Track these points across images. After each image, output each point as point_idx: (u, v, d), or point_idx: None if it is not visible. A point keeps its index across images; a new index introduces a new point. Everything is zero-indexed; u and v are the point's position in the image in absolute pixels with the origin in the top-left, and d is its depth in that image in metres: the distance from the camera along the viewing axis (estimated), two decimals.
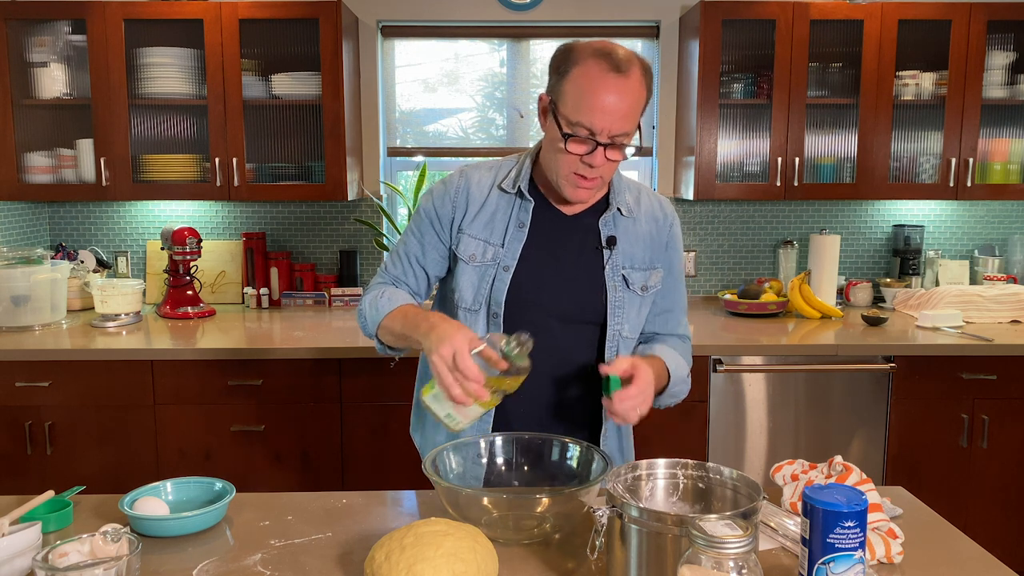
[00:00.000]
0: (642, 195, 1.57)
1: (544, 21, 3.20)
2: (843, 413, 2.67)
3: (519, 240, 1.49)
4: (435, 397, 1.29)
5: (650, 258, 1.54)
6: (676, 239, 1.59)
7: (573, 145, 1.36)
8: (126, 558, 0.98)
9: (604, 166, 1.38)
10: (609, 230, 1.51)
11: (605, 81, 1.32)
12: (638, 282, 1.52)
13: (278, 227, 3.29)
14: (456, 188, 1.51)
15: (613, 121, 1.33)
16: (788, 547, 1.17)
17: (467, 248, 1.49)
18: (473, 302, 1.49)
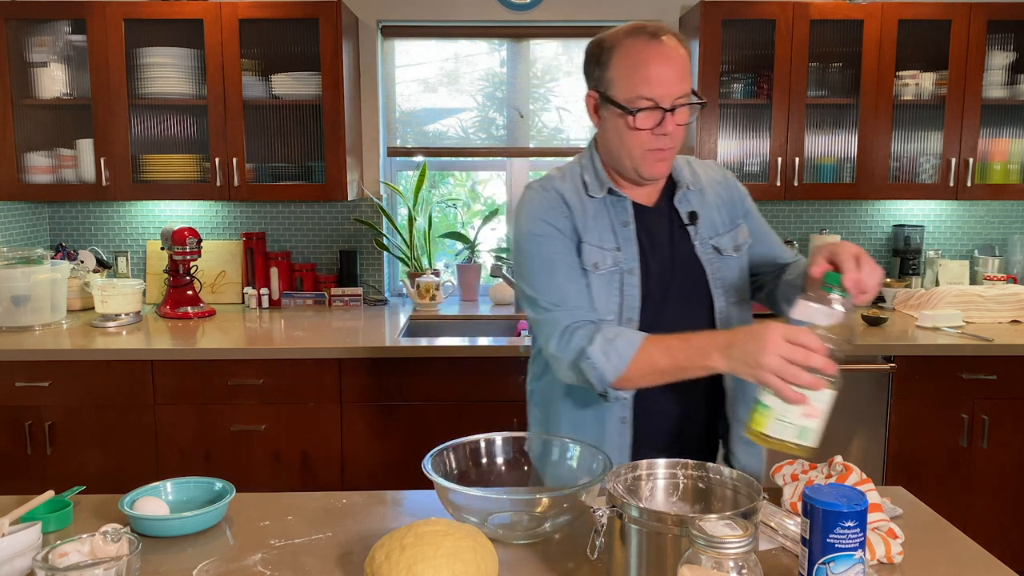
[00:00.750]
0: (694, 166, 1.57)
1: (544, 21, 3.20)
2: (843, 413, 2.67)
3: (631, 240, 1.46)
4: (776, 421, 1.11)
5: (730, 218, 1.55)
6: (742, 190, 1.61)
7: (642, 119, 1.36)
8: (126, 558, 0.98)
9: (675, 132, 1.38)
10: (687, 206, 1.51)
11: (649, 51, 1.35)
12: (728, 245, 1.52)
13: (278, 227, 3.29)
14: (555, 200, 1.46)
15: (671, 85, 1.35)
16: (788, 547, 1.17)
17: (590, 257, 1.44)
18: (606, 310, 1.43)
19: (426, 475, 1.23)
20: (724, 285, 1.51)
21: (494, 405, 2.60)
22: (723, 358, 1.21)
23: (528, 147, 3.34)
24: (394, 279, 3.42)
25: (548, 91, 3.32)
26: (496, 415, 2.59)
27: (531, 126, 3.34)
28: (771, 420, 1.11)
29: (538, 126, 3.34)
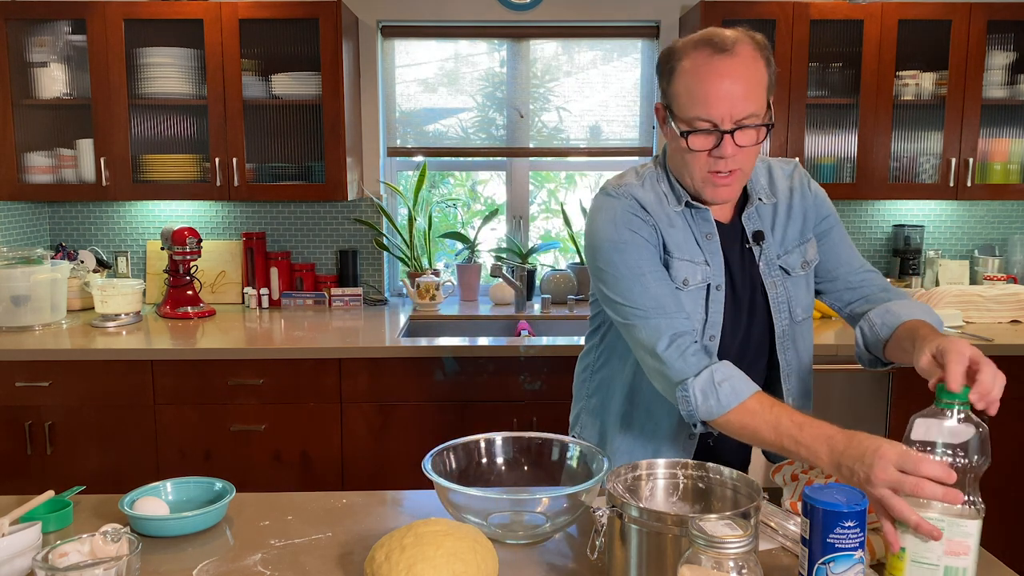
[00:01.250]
0: (773, 171, 1.48)
1: (544, 21, 3.20)
2: (843, 413, 2.67)
3: (718, 252, 1.39)
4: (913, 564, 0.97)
5: (800, 231, 1.46)
6: (817, 193, 1.49)
7: (696, 141, 1.28)
8: (126, 558, 0.98)
9: (738, 155, 1.28)
10: (754, 224, 1.43)
11: (712, 66, 1.24)
12: (797, 263, 1.44)
13: (278, 227, 3.29)
14: (636, 208, 1.37)
15: (733, 104, 1.24)
16: (788, 547, 1.17)
17: (679, 272, 1.37)
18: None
19: (426, 475, 1.23)
20: (789, 306, 1.44)
21: (494, 405, 2.60)
22: (829, 464, 1.09)
23: (528, 147, 3.34)
24: (394, 279, 3.42)
25: (548, 91, 3.32)
26: (496, 415, 2.59)
27: (531, 126, 3.34)
28: (908, 563, 0.98)
29: (538, 126, 3.34)
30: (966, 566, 0.97)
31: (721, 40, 1.25)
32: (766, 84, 1.28)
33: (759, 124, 1.27)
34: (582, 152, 3.35)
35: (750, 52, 1.25)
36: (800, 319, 1.46)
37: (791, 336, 1.46)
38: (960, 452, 0.98)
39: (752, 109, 1.25)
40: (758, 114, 1.27)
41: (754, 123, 1.26)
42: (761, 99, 1.27)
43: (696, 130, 1.27)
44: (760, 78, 1.27)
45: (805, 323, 1.48)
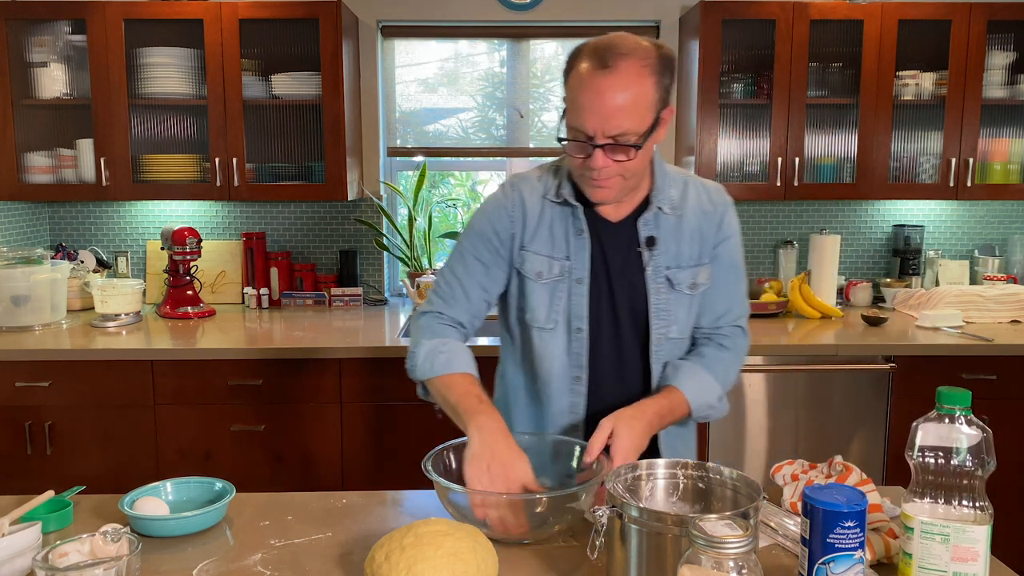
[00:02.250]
0: (689, 188, 1.49)
1: (544, 21, 3.20)
2: (843, 413, 2.67)
3: (584, 249, 1.44)
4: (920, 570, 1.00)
5: (698, 254, 1.47)
6: (728, 228, 1.50)
7: (571, 149, 1.34)
8: (126, 558, 0.98)
9: (610, 166, 1.32)
10: (649, 230, 1.45)
11: (591, 80, 1.28)
12: (685, 281, 1.46)
13: (278, 227, 3.29)
14: (512, 203, 1.47)
15: (605, 120, 1.27)
16: (788, 547, 1.17)
17: (532, 265, 1.45)
18: (547, 320, 1.45)
19: (426, 475, 1.23)
20: (668, 318, 1.46)
21: None
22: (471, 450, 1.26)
23: (528, 147, 3.34)
24: (394, 279, 3.42)
25: (548, 91, 3.32)
26: None
27: (531, 126, 3.34)
28: (915, 569, 0.99)
29: (538, 126, 3.34)
30: (975, 572, 0.96)
31: (608, 54, 1.27)
32: (650, 101, 1.29)
33: (631, 144, 1.29)
34: None
35: (635, 69, 1.26)
36: (674, 336, 1.48)
37: (666, 349, 1.48)
38: (965, 457, 0.98)
39: (626, 127, 1.28)
40: (634, 132, 1.29)
41: (627, 141, 1.29)
42: (640, 116, 1.28)
43: (571, 139, 1.33)
44: (643, 95, 1.28)
45: (678, 343, 1.50)
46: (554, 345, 1.46)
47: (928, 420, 1.00)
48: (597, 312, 1.46)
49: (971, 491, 0.97)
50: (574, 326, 1.45)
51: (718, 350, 1.50)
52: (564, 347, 1.46)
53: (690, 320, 1.50)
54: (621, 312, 1.46)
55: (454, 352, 1.41)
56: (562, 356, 1.47)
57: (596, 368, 1.48)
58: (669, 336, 1.47)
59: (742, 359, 1.54)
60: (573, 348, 1.46)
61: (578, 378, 1.48)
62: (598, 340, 1.46)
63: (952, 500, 0.97)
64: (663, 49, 1.32)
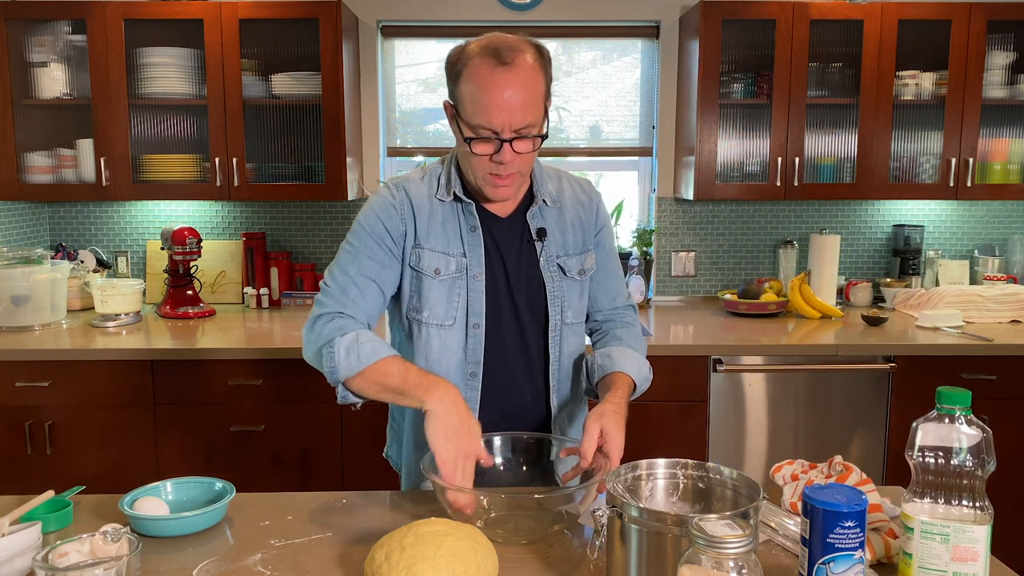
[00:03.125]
0: (563, 182, 1.58)
1: (544, 21, 3.20)
2: (843, 413, 2.67)
3: (478, 244, 1.48)
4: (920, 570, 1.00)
5: (582, 241, 1.56)
6: (604, 217, 1.62)
7: (478, 147, 1.36)
8: (126, 558, 0.98)
9: (516, 160, 1.37)
10: (538, 222, 1.52)
11: (494, 78, 1.31)
12: (574, 268, 1.54)
13: (278, 227, 3.29)
14: (401, 202, 1.47)
15: (512, 115, 1.32)
16: (788, 547, 1.17)
17: (430, 263, 1.46)
18: (446, 316, 1.47)
19: (424, 474, 1.23)
20: (563, 304, 1.53)
21: None
22: (430, 416, 1.27)
23: None
24: None
25: None
26: None
27: None
28: (915, 570, 0.99)
29: None
30: (976, 572, 0.96)
31: (501, 52, 1.32)
32: (543, 94, 1.37)
33: (535, 135, 1.37)
34: (582, 152, 3.35)
35: (530, 64, 1.33)
36: (570, 321, 1.56)
37: (563, 333, 1.55)
38: (965, 457, 0.98)
39: (530, 119, 1.34)
40: (535, 124, 1.36)
41: (531, 133, 1.36)
42: (539, 109, 1.36)
43: (479, 137, 1.35)
44: (538, 89, 1.35)
45: (574, 327, 1.58)
46: (452, 342, 1.48)
47: (928, 420, 1.00)
48: (495, 307, 1.49)
49: (971, 491, 0.97)
50: (471, 322, 1.48)
51: (628, 329, 1.62)
52: (461, 344, 1.48)
53: (582, 304, 1.59)
54: (520, 302, 1.51)
55: (374, 341, 1.37)
56: (459, 352, 1.49)
57: (492, 363, 1.50)
58: (565, 321, 1.54)
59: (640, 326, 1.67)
60: (469, 344, 1.48)
61: (473, 374, 1.50)
62: (495, 334, 1.49)
63: (952, 500, 0.97)
64: (541, 45, 1.39)
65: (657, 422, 2.63)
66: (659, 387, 2.62)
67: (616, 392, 1.42)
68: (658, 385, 2.61)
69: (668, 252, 3.35)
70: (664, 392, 2.62)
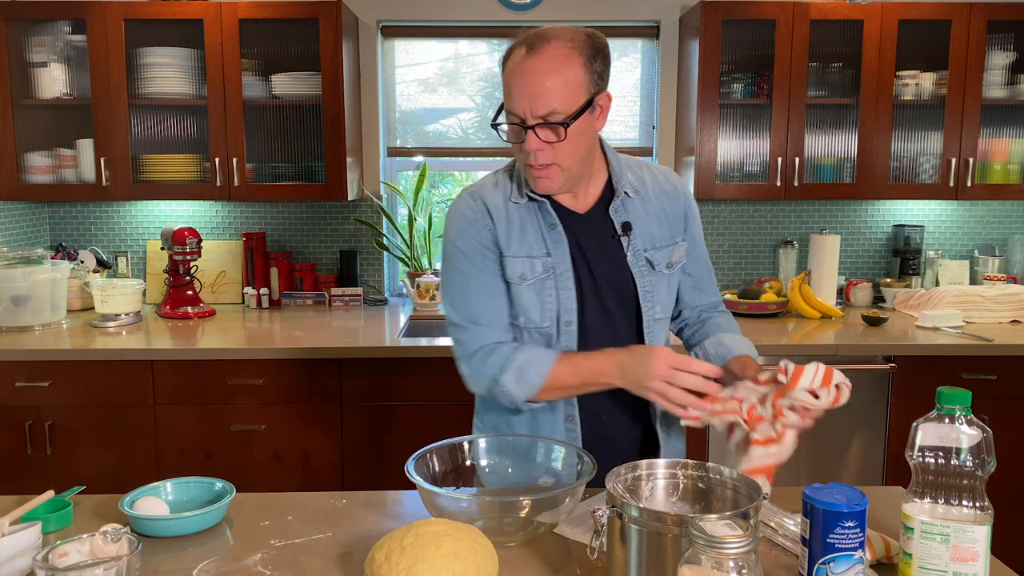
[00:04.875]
0: (645, 172, 1.54)
1: (544, 21, 3.20)
2: (843, 413, 2.66)
3: (561, 242, 1.45)
4: (920, 570, 1.00)
5: (670, 233, 1.51)
6: (692, 207, 1.56)
7: (507, 135, 1.37)
8: (126, 558, 0.98)
9: (545, 150, 1.34)
10: (621, 216, 1.47)
11: (519, 65, 1.32)
12: (662, 261, 1.50)
13: (278, 227, 3.29)
14: (479, 211, 1.46)
15: (533, 100, 1.31)
16: (788, 547, 1.17)
17: (514, 269, 1.44)
18: (542, 319, 1.45)
19: (409, 478, 1.22)
20: (653, 299, 1.50)
21: None
22: (618, 376, 1.33)
23: None
24: (394, 279, 3.42)
25: None
26: None
27: None
28: (915, 570, 1.00)
29: None
30: (976, 572, 0.96)
31: (535, 39, 1.33)
32: (579, 81, 1.33)
33: (560, 122, 1.32)
34: None
35: (561, 51, 1.32)
36: (659, 317, 1.52)
37: (659, 336, 1.52)
38: (965, 457, 0.98)
39: (553, 106, 1.31)
40: (562, 111, 1.32)
41: (557, 120, 1.32)
42: (568, 97, 1.32)
43: (507, 123, 1.36)
44: (570, 75, 1.32)
45: (663, 323, 1.54)
46: (550, 344, 1.47)
47: (928, 420, 1.00)
48: (584, 303, 1.46)
49: (971, 491, 0.97)
50: (563, 320, 1.45)
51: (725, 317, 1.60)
52: (555, 343, 1.47)
53: (670, 299, 1.53)
54: (608, 300, 1.47)
55: (531, 357, 1.40)
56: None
57: None
58: (655, 317, 1.50)
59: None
60: (563, 343, 1.46)
61: None
62: (588, 332, 1.46)
63: (952, 500, 0.97)
64: (593, 34, 1.37)
65: None
66: None
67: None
68: None
69: None
70: None
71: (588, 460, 1.27)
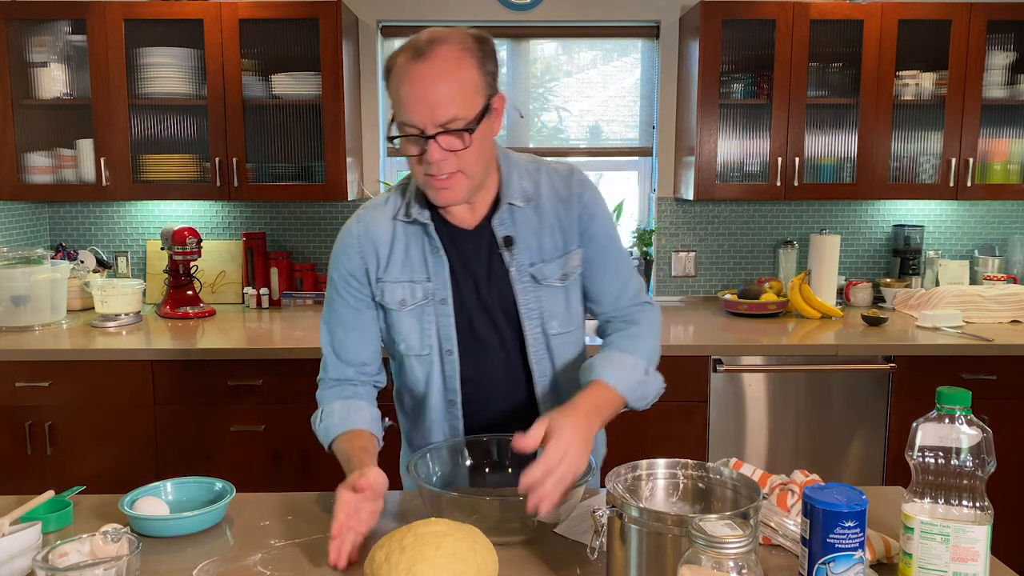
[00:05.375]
0: (543, 176, 1.42)
1: (544, 21, 3.20)
2: (843, 413, 2.67)
3: (442, 266, 1.38)
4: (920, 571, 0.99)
5: (563, 242, 1.41)
6: (590, 209, 1.42)
7: (404, 146, 1.28)
8: (126, 558, 0.98)
9: (449, 159, 1.25)
10: (505, 229, 1.39)
11: (410, 72, 1.22)
12: (553, 274, 1.40)
13: (278, 227, 3.29)
14: (358, 237, 1.40)
15: (432, 108, 1.22)
16: (788, 547, 1.17)
17: (394, 295, 1.40)
18: (422, 347, 1.41)
19: (410, 478, 1.23)
20: (542, 316, 1.41)
21: None
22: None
23: (528, 147, 3.34)
24: None
25: (548, 91, 3.32)
26: None
27: (531, 126, 3.34)
28: (915, 570, 0.99)
29: (538, 126, 3.34)
30: (976, 572, 0.96)
31: (420, 43, 1.23)
32: (475, 84, 1.24)
33: (463, 128, 1.24)
34: (582, 152, 3.35)
35: (452, 53, 1.23)
36: (558, 331, 1.43)
37: (545, 347, 1.43)
38: (965, 457, 0.98)
39: (454, 112, 1.22)
40: (464, 116, 1.23)
41: (459, 126, 1.23)
42: (467, 101, 1.23)
43: (404, 135, 1.26)
44: (465, 79, 1.23)
45: (564, 336, 1.44)
46: (431, 370, 1.43)
47: (928, 420, 0.99)
48: (470, 328, 1.41)
49: (971, 491, 0.97)
50: (444, 348, 1.41)
51: (626, 327, 1.45)
52: (439, 371, 1.43)
53: (572, 310, 1.44)
54: (498, 320, 1.42)
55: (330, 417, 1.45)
56: (438, 380, 1.43)
57: (473, 386, 1.44)
58: (551, 333, 1.42)
59: (656, 327, 1.47)
60: (446, 371, 1.42)
61: (452, 402, 1.45)
62: (474, 357, 1.42)
63: (952, 500, 0.97)
64: (480, 35, 1.28)
65: (657, 422, 2.62)
66: None
67: (578, 397, 1.27)
68: None
69: (668, 252, 3.35)
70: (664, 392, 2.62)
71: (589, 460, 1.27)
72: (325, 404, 1.46)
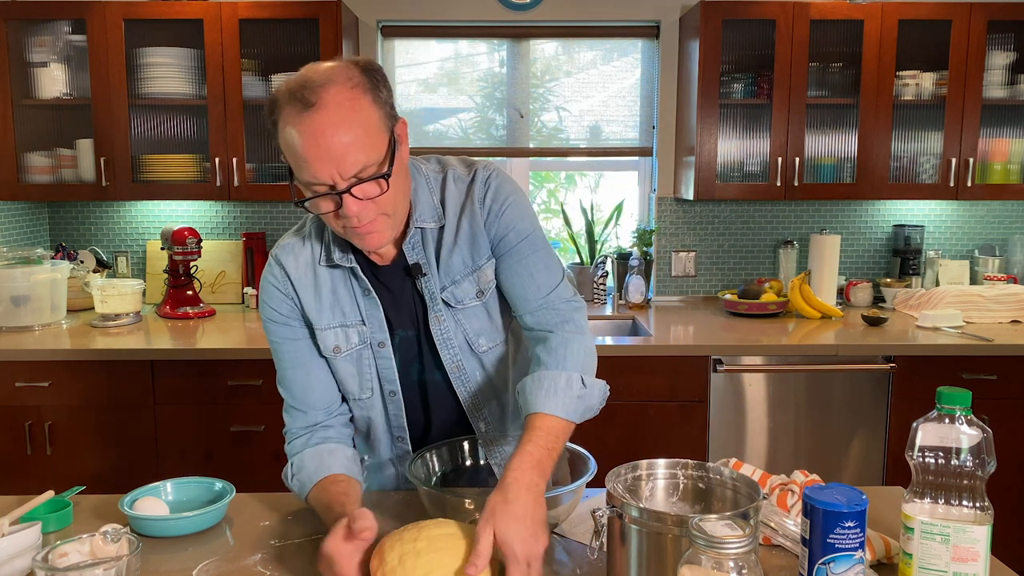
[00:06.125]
0: (450, 188, 1.31)
1: (544, 21, 3.20)
2: (843, 413, 2.67)
3: (376, 307, 1.31)
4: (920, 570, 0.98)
5: (471, 256, 1.31)
6: (496, 211, 1.30)
7: (318, 205, 1.15)
8: (126, 558, 0.98)
9: (368, 208, 1.15)
10: (416, 255, 1.29)
11: (302, 126, 1.09)
12: (468, 293, 1.32)
13: (278, 227, 3.29)
14: (279, 280, 1.32)
15: (337, 163, 1.09)
16: (788, 547, 1.17)
17: (326, 342, 1.32)
18: (361, 391, 1.35)
19: (410, 479, 1.22)
20: (467, 337, 1.34)
21: None
22: None
23: (528, 147, 3.34)
24: None
25: (548, 91, 3.32)
26: None
27: (531, 126, 3.34)
28: (915, 570, 0.98)
29: (538, 126, 3.34)
30: (976, 572, 0.96)
31: (306, 91, 1.09)
32: (376, 122, 1.12)
33: (377, 175, 1.13)
34: (582, 152, 3.35)
35: (344, 95, 1.09)
36: (484, 349, 1.36)
37: (468, 369, 1.36)
38: (965, 457, 0.98)
39: (363, 161, 1.11)
40: (373, 162, 1.12)
41: (371, 173, 1.12)
42: (373, 144, 1.12)
43: (315, 195, 1.14)
44: (365, 120, 1.11)
45: (494, 351, 1.37)
46: (373, 412, 1.38)
47: (928, 420, 0.99)
48: (410, 365, 1.36)
49: (971, 491, 0.97)
50: (387, 391, 1.36)
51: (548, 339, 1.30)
52: (381, 412, 1.38)
53: (498, 323, 1.37)
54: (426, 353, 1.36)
55: (301, 470, 1.29)
56: (381, 421, 1.39)
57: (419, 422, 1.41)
58: (480, 351, 1.36)
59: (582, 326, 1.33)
60: (390, 411, 1.38)
61: (400, 438, 1.42)
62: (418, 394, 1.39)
63: (952, 500, 0.97)
64: (363, 62, 1.15)
65: (657, 422, 2.63)
66: (659, 387, 2.62)
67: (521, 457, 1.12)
68: (658, 385, 2.62)
69: (668, 252, 3.35)
70: (664, 392, 2.62)
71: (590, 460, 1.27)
72: (293, 455, 1.33)
